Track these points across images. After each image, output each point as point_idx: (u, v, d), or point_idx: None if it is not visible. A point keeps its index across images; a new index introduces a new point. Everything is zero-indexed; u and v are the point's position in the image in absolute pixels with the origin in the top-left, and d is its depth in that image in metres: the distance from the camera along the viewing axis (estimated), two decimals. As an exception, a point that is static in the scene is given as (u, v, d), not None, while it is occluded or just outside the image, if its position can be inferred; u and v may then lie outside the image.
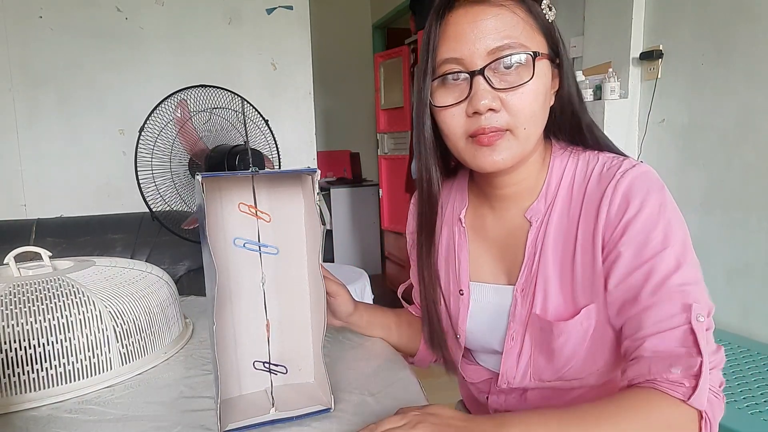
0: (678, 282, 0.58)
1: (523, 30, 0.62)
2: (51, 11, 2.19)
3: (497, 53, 0.61)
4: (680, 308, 0.57)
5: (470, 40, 0.62)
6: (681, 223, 0.62)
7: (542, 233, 0.68)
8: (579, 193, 0.67)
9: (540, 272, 0.68)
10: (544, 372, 0.69)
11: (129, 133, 2.27)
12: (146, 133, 1.72)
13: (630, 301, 0.61)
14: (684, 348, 0.56)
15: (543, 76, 0.64)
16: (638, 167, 0.64)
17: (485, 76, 0.61)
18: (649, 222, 0.60)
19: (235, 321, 0.65)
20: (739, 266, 1.78)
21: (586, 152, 0.70)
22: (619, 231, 0.61)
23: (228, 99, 1.87)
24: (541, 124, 0.66)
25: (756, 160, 1.74)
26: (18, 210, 2.22)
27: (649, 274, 0.59)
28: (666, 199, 0.62)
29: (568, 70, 0.68)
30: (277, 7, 2.54)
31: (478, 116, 0.62)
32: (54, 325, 0.69)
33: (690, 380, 0.54)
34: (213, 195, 0.62)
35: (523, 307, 0.70)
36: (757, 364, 1.52)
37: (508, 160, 0.64)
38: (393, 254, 3.78)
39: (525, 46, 0.62)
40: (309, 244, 0.66)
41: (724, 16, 1.81)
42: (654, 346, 0.57)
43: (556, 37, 0.66)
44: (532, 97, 0.62)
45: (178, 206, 1.83)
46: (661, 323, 0.57)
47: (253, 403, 0.64)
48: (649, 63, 2.10)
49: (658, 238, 0.60)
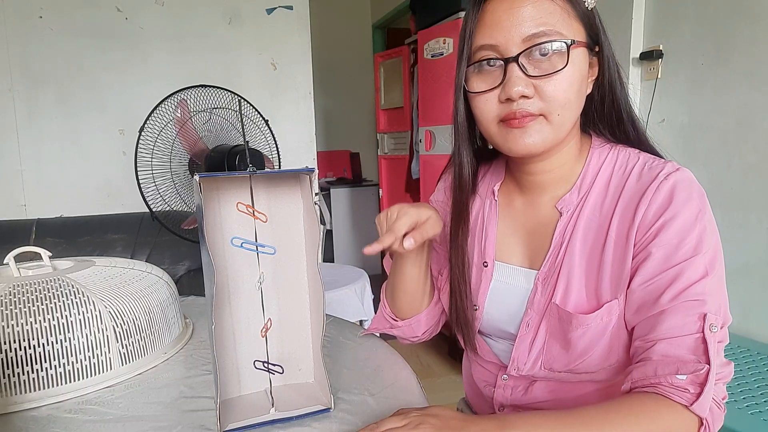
0: (700, 290, 0.58)
1: (560, 17, 0.62)
2: (51, 11, 2.19)
3: (533, 40, 0.61)
4: (696, 317, 0.57)
5: (506, 27, 0.62)
6: (715, 233, 0.62)
7: (572, 225, 0.68)
8: (616, 189, 0.66)
9: (565, 263, 0.68)
10: (556, 362, 0.69)
11: (129, 133, 2.27)
12: (146, 133, 1.72)
13: (649, 303, 0.61)
14: (693, 355, 0.56)
15: (578, 64, 0.64)
16: (682, 171, 0.63)
17: (519, 63, 0.62)
18: (685, 227, 0.60)
19: (234, 321, 0.65)
20: (739, 266, 1.78)
21: (627, 149, 0.69)
22: (654, 231, 0.61)
23: (228, 99, 1.87)
24: (576, 111, 0.66)
25: (756, 160, 1.73)
26: (18, 210, 2.22)
27: (674, 278, 0.59)
28: (705, 206, 0.62)
29: (610, 58, 0.68)
30: (277, 7, 2.54)
31: (510, 102, 0.63)
32: (54, 325, 0.69)
33: (695, 387, 0.54)
34: (211, 195, 0.62)
35: (542, 295, 0.70)
36: (757, 364, 1.52)
37: (539, 143, 0.64)
38: (393, 254, 3.77)
39: (561, 34, 0.62)
40: (308, 243, 0.66)
41: (724, 16, 1.81)
42: (664, 350, 0.58)
43: (596, 24, 0.66)
44: (566, 85, 0.62)
45: (178, 206, 1.83)
46: (675, 329, 0.58)
47: (253, 404, 0.64)
48: (649, 63, 2.10)
49: (691, 243, 0.60)
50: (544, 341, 0.70)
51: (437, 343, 2.80)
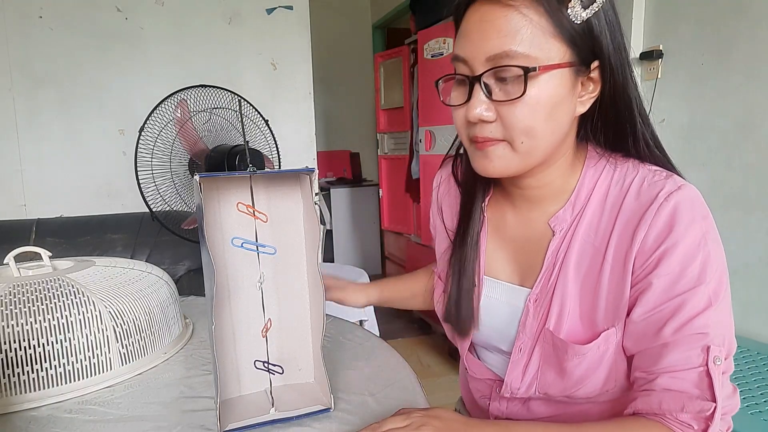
0: (703, 323, 0.56)
1: (530, 36, 0.55)
2: (51, 11, 2.19)
3: (495, 61, 0.56)
4: (699, 350, 0.55)
5: (473, 41, 0.58)
6: (720, 256, 0.58)
7: (566, 245, 0.65)
8: (613, 207, 0.62)
9: (558, 286, 0.64)
10: (551, 387, 0.67)
11: (129, 133, 2.27)
12: (146, 133, 1.72)
13: (650, 335, 0.58)
14: (698, 390, 0.55)
15: (548, 89, 0.57)
16: (684, 190, 0.58)
17: (482, 84, 0.58)
18: (687, 255, 0.57)
19: (234, 321, 0.65)
20: (739, 266, 1.78)
21: (626, 162, 0.64)
22: (654, 260, 0.58)
23: (228, 99, 1.87)
24: (549, 137, 0.60)
25: (756, 160, 1.73)
26: (18, 210, 2.22)
27: (676, 311, 0.57)
28: (709, 229, 0.58)
29: (618, 72, 0.60)
30: (277, 7, 2.54)
31: (473, 124, 0.60)
32: (54, 326, 0.69)
33: (700, 423, 0.54)
34: (211, 195, 0.62)
35: (535, 319, 0.67)
36: (757, 364, 1.52)
37: (500, 169, 0.61)
38: (393, 254, 3.78)
39: (527, 57, 0.55)
40: (308, 243, 0.66)
41: (724, 16, 1.81)
42: (667, 384, 0.56)
43: (594, 37, 0.58)
44: (526, 113, 0.57)
45: (178, 206, 1.83)
46: (678, 363, 0.56)
47: (253, 403, 0.64)
48: (649, 63, 2.10)
49: (693, 273, 0.56)
50: (538, 367, 0.67)
51: (437, 343, 2.80)
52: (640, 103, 0.63)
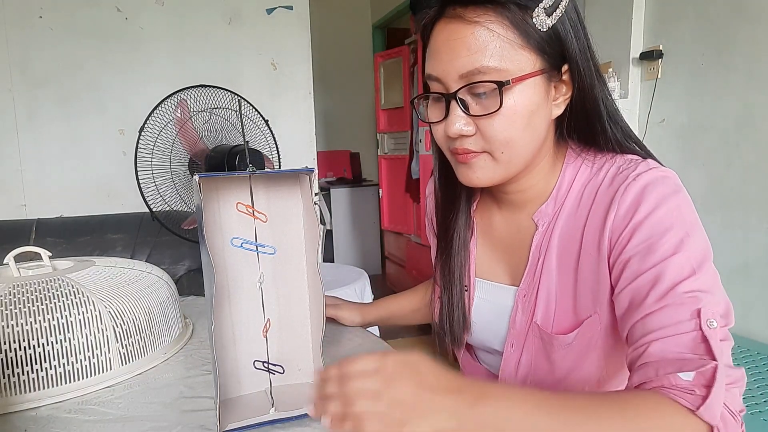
0: (688, 288, 0.52)
1: (499, 51, 0.56)
2: (51, 11, 2.19)
3: (468, 78, 0.57)
4: (690, 314, 0.51)
5: (444, 61, 0.58)
6: (700, 230, 0.56)
7: (548, 238, 0.65)
8: (588, 198, 0.62)
9: (543, 279, 0.65)
10: (544, 381, 0.67)
11: (129, 133, 2.27)
12: (146, 133, 1.72)
13: (634, 307, 0.55)
14: (695, 354, 0.50)
15: (523, 99, 0.58)
16: (655, 170, 0.58)
17: (458, 100, 0.59)
18: (660, 225, 0.55)
19: (234, 321, 0.65)
20: (739, 266, 1.78)
21: (604, 155, 0.64)
22: (626, 236, 0.57)
23: (228, 99, 1.87)
24: (527, 146, 0.61)
25: (756, 160, 1.73)
26: (18, 210, 2.22)
27: (656, 279, 0.53)
28: (682, 202, 0.57)
29: (585, 74, 0.61)
30: (277, 7, 2.54)
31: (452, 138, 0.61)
32: (54, 326, 0.69)
33: (701, 389, 0.48)
34: (210, 195, 0.62)
35: (524, 314, 0.68)
36: (757, 364, 1.52)
37: (485, 179, 0.62)
38: (393, 254, 3.78)
39: (498, 70, 0.56)
40: (307, 243, 0.66)
41: (724, 16, 1.81)
42: (660, 351, 0.51)
43: (561, 40, 0.59)
44: (504, 125, 0.58)
45: (178, 206, 1.83)
46: (668, 328, 0.52)
47: (253, 403, 0.64)
48: (649, 63, 2.09)
49: (669, 242, 0.54)
50: (531, 362, 0.68)
51: (437, 343, 2.80)
52: (609, 102, 0.64)
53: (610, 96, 0.65)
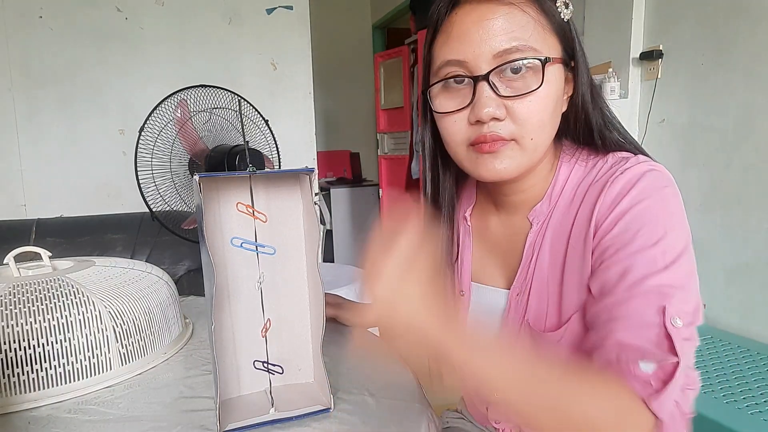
0: (657, 283, 0.51)
1: (534, 31, 0.57)
2: (51, 11, 2.19)
3: (504, 57, 0.56)
4: (654, 309, 0.50)
5: (475, 42, 0.57)
6: (682, 226, 0.56)
7: (541, 235, 0.65)
8: (580, 195, 0.62)
9: (535, 278, 0.65)
10: None
11: (129, 133, 2.27)
12: (146, 133, 1.72)
13: (604, 294, 0.55)
14: (657, 349, 0.49)
15: (554, 83, 0.58)
16: (643, 165, 0.58)
17: (490, 81, 0.57)
18: (641, 217, 0.54)
19: (234, 321, 0.65)
20: (739, 266, 1.78)
21: (597, 154, 0.65)
22: (608, 226, 0.56)
23: (228, 99, 1.87)
24: (551, 133, 0.61)
25: (756, 160, 1.73)
26: (18, 210, 2.22)
27: (626, 271, 0.53)
28: (668, 196, 0.56)
29: (584, 72, 0.63)
30: (277, 7, 2.54)
31: (481, 124, 0.58)
32: (54, 326, 0.69)
33: (658, 382, 0.48)
34: (210, 195, 0.62)
35: (516, 312, 0.68)
36: (757, 364, 1.52)
37: (511, 169, 0.60)
38: (393, 254, 3.77)
39: (535, 50, 0.56)
40: (307, 243, 0.66)
41: (724, 16, 1.81)
42: (622, 337, 0.51)
43: (571, 36, 0.61)
44: (541, 106, 0.58)
45: (178, 206, 1.83)
46: (633, 319, 0.51)
47: (253, 404, 0.64)
48: (649, 63, 2.10)
49: (647, 234, 0.53)
50: None
51: (437, 343, 2.79)
52: (604, 104, 0.66)
53: (604, 98, 0.67)
